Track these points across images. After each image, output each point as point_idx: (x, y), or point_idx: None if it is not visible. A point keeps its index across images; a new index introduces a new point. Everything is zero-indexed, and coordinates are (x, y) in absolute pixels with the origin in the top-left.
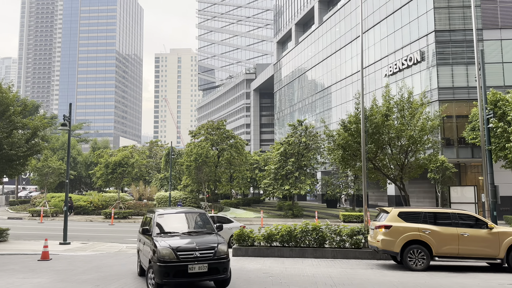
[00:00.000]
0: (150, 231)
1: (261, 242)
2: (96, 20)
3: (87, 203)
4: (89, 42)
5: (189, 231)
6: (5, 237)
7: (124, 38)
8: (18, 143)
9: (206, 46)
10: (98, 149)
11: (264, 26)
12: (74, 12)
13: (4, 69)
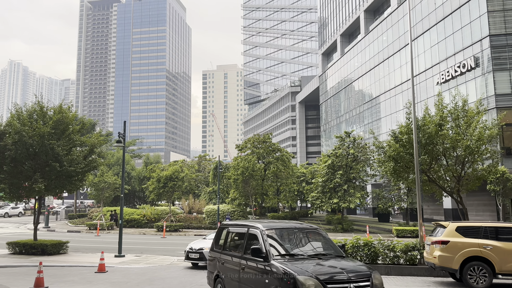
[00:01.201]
0: (263, 252)
1: None
2: (147, 41)
3: (141, 216)
4: (141, 62)
5: (316, 253)
6: (65, 250)
7: (174, 57)
8: (77, 160)
9: (251, 61)
10: (150, 164)
11: (308, 38)
12: (127, 34)
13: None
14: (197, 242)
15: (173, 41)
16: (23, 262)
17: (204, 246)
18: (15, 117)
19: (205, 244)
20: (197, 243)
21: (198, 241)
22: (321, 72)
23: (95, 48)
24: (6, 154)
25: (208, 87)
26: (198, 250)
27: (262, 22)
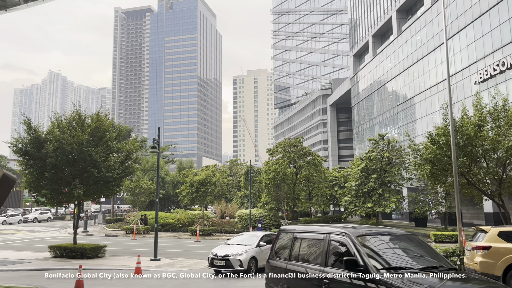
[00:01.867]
0: (360, 264)
1: None
2: (179, 49)
3: (175, 220)
4: (173, 70)
5: (426, 265)
6: (103, 253)
7: (205, 64)
8: (114, 166)
9: (281, 65)
10: (183, 169)
11: (339, 40)
12: (159, 42)
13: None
14: (221, 248)
15: (204, 48)
16: (63, 265)
17: (229, 252)
18: (55, 126)
19: (230, 250)
20: (222, 249)
21: (221, 247)
22: (353, 74)
23: (129, 57)
24: (47, 161)
25: (239, 92)
26: (223, 256)
27: (292, 26)
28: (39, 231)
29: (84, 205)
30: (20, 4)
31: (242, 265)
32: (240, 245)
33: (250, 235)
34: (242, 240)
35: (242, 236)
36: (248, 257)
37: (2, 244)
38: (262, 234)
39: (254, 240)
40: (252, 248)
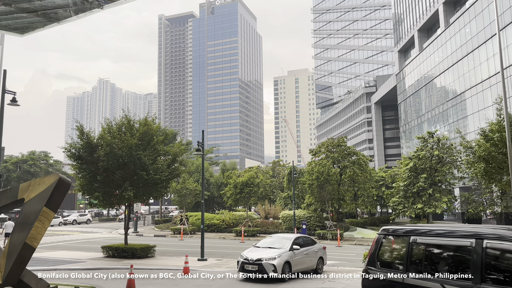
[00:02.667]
0: None
1: None
2: (220, 52)
3: (220, 221)
4: (215, 73)
5: None
6: (152, 253)
7: (246, 66)
8: (161, 168)
9: (323, 64)
10: (227, 171)
11: (382, 36)
12: (202, 47)
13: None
14: (252, 251)
15: (245, 51)
16: (116, 265)
17: (262, 256)
18: (106, 131)
19: (262, 253)
20: (252, 253)
21: (252, 250)
22: (398, 70)
23: (173, 62)
24: (99, 165)
25: (280, 93)
26: (256, 261)
27: (333, 23)
28: (92, 232)
29: (134, 207)
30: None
31: (276, 270)
32: (272, 248)
33: (281, 237)
34: (272, 242)
35: (272, 238)
36: (282, 261)
37: (59, 244)
38: (295, 236)
39: (286, 243)
40: (286, 252)
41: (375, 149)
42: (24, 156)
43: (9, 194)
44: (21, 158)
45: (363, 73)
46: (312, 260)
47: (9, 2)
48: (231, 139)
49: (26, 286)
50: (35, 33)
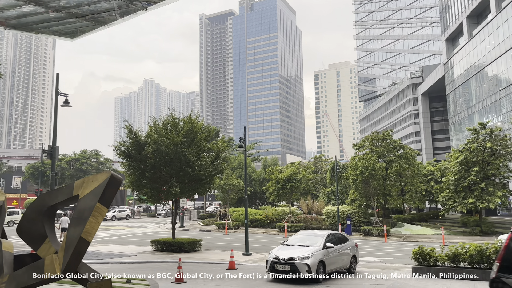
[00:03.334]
0: None
1: (445, 262)
2: (260, 48)
3: (263, 216)
4: (255, 70)
5: None
6: (199, 247)
7: (286, 61)
8: (205, 165)
9: (365, 56)
10: (268, 167)
11: (428, 25)
12: (241, 44)
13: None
14: (282, 250)
15: (284, 46)
16: (164, 258)
17: (294, 255)
18: (153, 129)
19: (294, 252)
20: (283, 251)
21: (281, 248)
22: (446, 60)
23: (214, 60)
24: (147, 162)
25: (321, 87)
26: (287, 260)
27: (375, 14)
28: (142, 226)
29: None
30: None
31: (310, 270)
32: (303, 246)
33: (311, 234)
34: (302, 239)
35: (302, 235)
36: (316, 261)
37: (111, 239)
38: (326, 233)
39: (318, 241)
40: (319, 250)
41: (423, 142)
42: (77, 155)
43: (65, 191)
44: (74, 156)
45: (408, 63)
46: (345, 258)
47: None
48: (272, 135)
49: (82, 278)
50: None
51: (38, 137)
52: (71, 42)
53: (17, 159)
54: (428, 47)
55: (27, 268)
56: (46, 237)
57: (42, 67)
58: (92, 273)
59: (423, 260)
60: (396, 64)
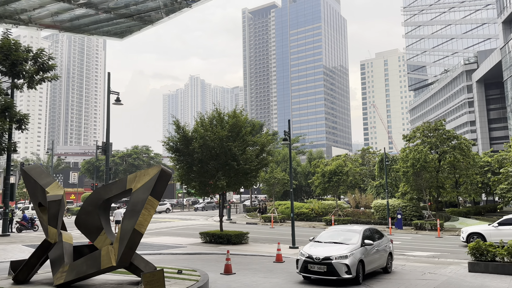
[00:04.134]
0: None
1: (505, 257)
2: (303, 40)
3: (309, 210)
4: (299, 62)
5: None
6: (246, 240)
7: (330, 52)
8: (251, 159)
9: (415, 43)
10: (313, 160)
11: (483, 7)
12: (285, 37)
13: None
14: (314, 247)
15: (328, 36)
16: (213, 250)
17: (330, 253)
18: (199, 124)
19: (329, 250)
20: (316, 249)
21: (313, 246)
22: (503, 44)
23: (257, 55)
24: (195, 156)
25: (367, 77)
26: (323, 260)
27: None
28: (190, 219)
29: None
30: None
31: (350, 271)
32: (338, 244)
33: (345, 230)
34: (335, 235)
35: (334, 231)
36: (355, 260)
37: (162, 230)
38: (362, 228)
39: (354, 237)
40: (358, 248)
41: (478, 131)
42: (129, 151)
43: (119, 185)
44: (126, 152)
45: (461, 49)
46: (382, 256)
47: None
48: (316, 128)
49: (136, 268)
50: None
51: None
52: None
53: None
54: (482, 31)
55: (85, 258)
56: (102, 229)
57: (94, 67)
58: (146, 264)
59: (480, 255)
60: (448, 50)
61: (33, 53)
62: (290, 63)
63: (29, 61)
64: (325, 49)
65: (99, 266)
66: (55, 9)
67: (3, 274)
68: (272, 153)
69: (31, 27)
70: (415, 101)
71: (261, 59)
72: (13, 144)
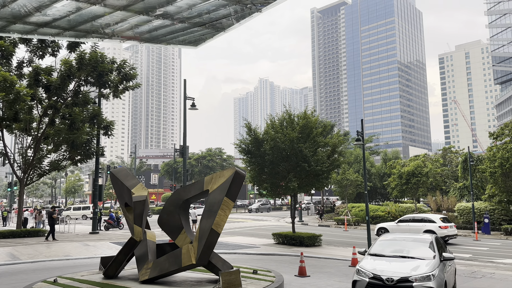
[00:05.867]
0: None
1: None
2: (375, 36)
3: (385, 213)
4: (371, 59)
5: None
6: (319, 242)
7: (405, 46)
8: (322, 160)
9: (500, 33)
10: (389, 160)
11: None
12: (355, 34)
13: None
14: (377, 263)
15: (402, 30)
16: (285, 251)
17: (408, 272)
18: (270, 126)
19: (402, 267)
20: (380, 265)
21: (373, 261)
22: None
23: (326, 53)
24: (266, 158)
25: (447, 71)
26: (399, 282)
27: None
28: (262, 220)
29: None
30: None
31: None
32: (408, 258)
33: (410, 239)
34: (398, 246)
35: (392, 240)
36: (441, 282)
37: (235, 230)
38: (432, 237)
39: (426, 248)
40: (438, 265)
41: None
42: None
43: (197, 186)
44: (201, 154)
45: None
46: (452, 273)
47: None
48: (391, 127)
49: (214, 266)
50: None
51: (170, 137)
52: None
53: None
54: None
55: (168, 256)
56: (182, 228)
57: (171, 75)
58: (223, 263)
59: None
60: None
61: (117, 64)
62: (362, 60)
63: (114, 71)
64: (400, 44)
65: (180, 264)
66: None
67: (95, 269)
68: (344, 154)
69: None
70: (502, 95)
71: (330, 58)
72: (101, 148)
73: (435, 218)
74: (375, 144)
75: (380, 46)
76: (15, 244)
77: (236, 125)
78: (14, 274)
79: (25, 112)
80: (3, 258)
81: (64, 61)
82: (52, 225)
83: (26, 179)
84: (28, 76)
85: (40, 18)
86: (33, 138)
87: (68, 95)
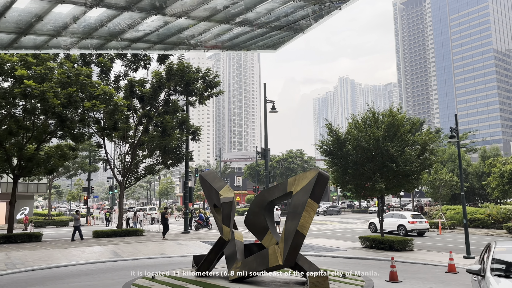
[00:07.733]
0: None
1: None
2: (467, 24)
3: (485, 216)
4: (463, 49)
5: None
6: (410, 247)
7: (501, 33)
8: (411, 159)
9: None
10: (488, 158)
11: None
12: (443, 24)
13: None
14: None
15: (498, 16)
16: (374, 255)
17: None
18: (352, 126)
19: None
20: None
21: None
22: None
23: (412, 46)
24: (349, 159)
25: None
26: None
27: None
28: (347, 222)
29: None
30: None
31: None
32: None
33: None
34: None
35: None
36: None
37: (320, 233)
38: None
39: None
40: None
41: None
42: (284, 155)
43: (280, 188)
44: (282, 156)
45: None
46: None
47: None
48: (489, 121)
49: (301, 268)
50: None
51: (252, 140)
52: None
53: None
54: None
55: (255, 256)
56: (267, 229)
57: (251, 79)
58: (310, 265)
59: None
60: None
61: (201, 73)
62: (452, 51)
63: (199, 80)
64: (495, 31)
65: (267, 264)
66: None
67: (188, 267)
68: (435, 153)
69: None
70: None
71: (416, 51)
72: (190, 153)
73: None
74: (471, 140)
75: (473, 34)
76: (117, 242)
77: (316, 126)
78: (117, 270)
79: (122, 122)
80: (108, 255)
81: (155, 73)
82: (166, 224)
83: (125, 183)
84: (124, 88)
85: (133, 34)
86: (130, 145)
87: (160, 104)
